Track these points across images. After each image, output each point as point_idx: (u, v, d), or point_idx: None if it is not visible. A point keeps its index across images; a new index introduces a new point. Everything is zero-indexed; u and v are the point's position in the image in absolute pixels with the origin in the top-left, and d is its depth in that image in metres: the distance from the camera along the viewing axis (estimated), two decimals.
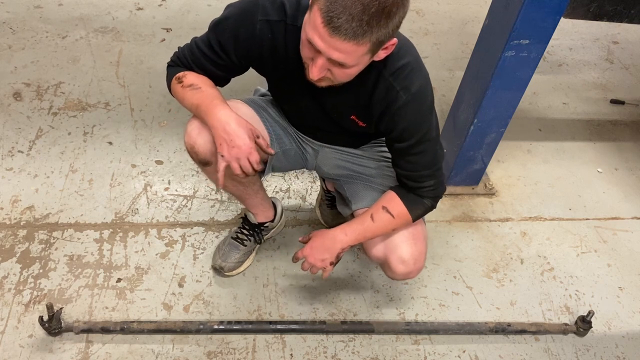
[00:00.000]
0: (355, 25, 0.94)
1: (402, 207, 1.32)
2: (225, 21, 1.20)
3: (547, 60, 2.98)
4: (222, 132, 1.19)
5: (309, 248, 1.38)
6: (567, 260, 1.94)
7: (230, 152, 1.19)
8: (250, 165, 1.22)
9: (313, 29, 0.98)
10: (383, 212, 1.32)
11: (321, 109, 1.31)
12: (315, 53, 1.03)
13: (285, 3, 1.15)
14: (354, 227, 1.34)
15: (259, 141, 1.23)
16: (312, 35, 0.99)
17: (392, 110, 1.20)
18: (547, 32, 1.58)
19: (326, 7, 0.94)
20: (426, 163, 1.28)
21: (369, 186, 1.48)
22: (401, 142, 1.25)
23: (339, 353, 1.58)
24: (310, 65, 1.06)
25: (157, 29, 2.75)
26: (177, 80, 1.28)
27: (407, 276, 1.41)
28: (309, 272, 1.42)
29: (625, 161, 2.41)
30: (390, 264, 1.39)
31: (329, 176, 1.58)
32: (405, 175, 1.32)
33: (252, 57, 1.24)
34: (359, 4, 0.92)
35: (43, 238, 1.76)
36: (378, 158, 1.50)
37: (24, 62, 2.43)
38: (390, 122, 1.22)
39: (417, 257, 1.38)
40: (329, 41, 0.97)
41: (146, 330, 1.52)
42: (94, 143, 2.11)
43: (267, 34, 1.17)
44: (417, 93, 1.18)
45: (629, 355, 1.69)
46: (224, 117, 1.20)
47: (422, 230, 1.42)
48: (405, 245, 1.37)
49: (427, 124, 1.24)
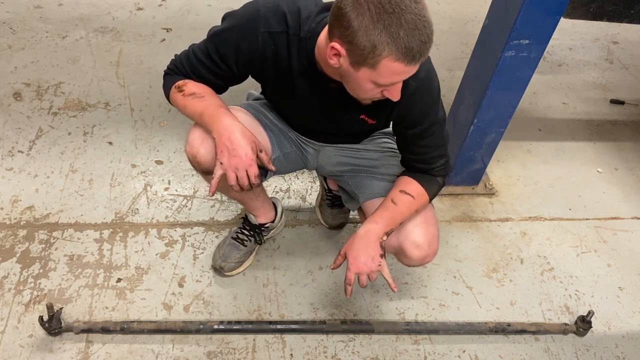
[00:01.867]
0: (429, 47, 0.98)
1: (420, 187, 1.33)
2: (226, 32, 1.19)
3: (547, 60, 2.98)
4: (226, 140, 1.18)
5: (353, 261, 1.28)
6: (567, 260, 1.94)
7: (230, 161, 1.18)
8: (248, 178, 1.20)
9: (395, 75, 1.02)
10: (402, 194, 1.31)
11: (328, 115, 1.31)
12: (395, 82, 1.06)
13: (286, 13, 1.14)
14: (380, 213, 1.31)
15: (261, 155, 1.23)
16: (395, 79, 1.04)
17: (403, 98, 1.19)
18: (547, 32, 1.58)
19: (404, 48, 0.95)
20: (437, 144, 1.30)
21: (373, 177, 1.48)
22: (414, 127, 1.26)
23: (339, 353, 1.58)
24: (391, 89, 1.08)
25: (157, 29, 2.75)
26: (177, 89, 1.27)
27: (423, 260, 1.39)
28: (368, 282, 1.31)
29: (625, 161, 2.41)
30: (405, 250, 1.37)
31: (331, 174, 1.58)
32: (417, 160, 1.33)
33: (254, 68, 1.24)
34: (421, 25, 0.95)
35: (43, 238, 1.76)
36: (379, 149, 1.51)
37: (24, 62, 2.43)
38: (402, 111, 1.23)
39: (430, 240, 1.37)
40: (412, 69, 1.02)
41: (146, 330, 1.52)
42: (94, 143, 2.11)
43: (270, 45, 1.17)
44: (425, 78, 1.19)
45: (629, 355, 1.69)
46: (230, 126, 1.19)
47: (432, 214, 1.41)
48: (418, 229, 1.36)
49: (436, 106, 1.26)
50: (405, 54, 0.96)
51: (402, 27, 0.93)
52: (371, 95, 1.10)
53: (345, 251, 1.32)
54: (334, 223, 1.90)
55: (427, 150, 1.31)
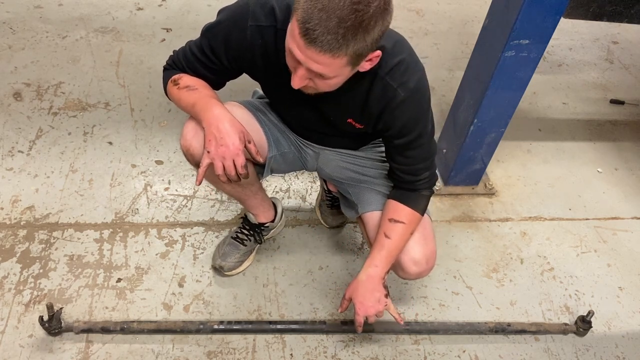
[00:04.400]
0: (331, 38, 0.93)
1: (407, 209, 1.34)
2: (217, 26, 1.20)
3: (547, 60, 2.98)
4: (214, 129, 1.19)
5: (360, 306, 1.36)
6: (567, 260, 1.94)
7: (217, 150, 1.19)
8: (235, 168, 1.20)
9: (292, 39, 0.99)
10: (393, 224, 1.33)
11: (317, 114, 1.31)
12: (297, 63, 1.02)
13: (275, 7, 1.14)
14: (378, 255, 1.35)
15: (249, 146, 1.23)
16: (291, 45, 0.99)
17: (390, 108, 1.19)
18: (547, 32, 1.58)
19: (303, 18, 0.93)
20: (423, 156, 1.30)
21: (372, 189, 1.48)
22: (400, 138, 1.25)
23: (339, 353, 1.58)
24: (293, 74, 1.06)
25: (157, 29, 2.75)
26: (173, 83, 1.29)
27: (419, 275, 1.43)
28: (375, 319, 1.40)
29: (625, 161, 2.41)
30: (403, 266, 1.40)
31: (331, 178, 1.58)
32: (402, 170, 1.33)
33: (244, 62, 1.24)
34: (335, 17, 0.91)
35: (43, 238, 1.76)
36: (379, 158, 1.51)
37: (24, 62, 2.43)
38: (389, 120, 1.22)
39: (428, 256, 1.40)
40: (306, 52, 0.97)
41: (146, 330, 1.52)
42: (94, 143, 2.11)
43: (258, 39, 1.17)
44: (415, 89, 1.18)
45: (629, 355, 1.69)
46: (219, 115, 1.20)
47: (430, 230, 1.43)
48: (417, 246, 1.38)
49: (425, 118, 1.25)
50: (303, 23, 0.93)
51: (318, 3, 0.92)
52: (288, 63, 1.07)
53: (350, 296, 1.39)
54: (334, 223, 1.90)
55: (412, 161, 1.30)
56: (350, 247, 1.87)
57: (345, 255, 1.84)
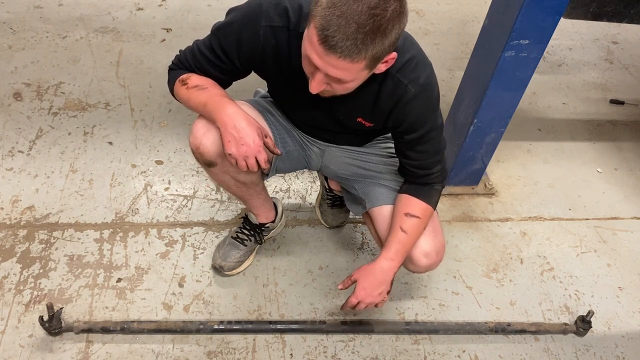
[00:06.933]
0: (350, 44, 0.94)
1: (422, 203, 1.35)
2: (229, 26, 1.20)
3: (547, 60, 2.98)
4: (232, 128, 1.19)
5: (361, 290, 1.36)
6: (567, 260, 1.94)
7: (239, 150, 1.19)
8: (257, 164, 1.22)
9: (310, 46, 0.99)
10: (408, 218, 1.34)
11: (326, 113, 1.32)
12: (314, 68, 1.04)
13: (288, 9, 1.15)
14: (393, 248, 1.35)
15: (266, 140, 1.24)
16: (309, 51, 1.00)
17: (401, 104, 1.20)
18: (547, 32, 1.58)
19: (321, 25, 0.94)
20: (434, 150, 1.32)
21: (380, 184, 1.48)
22: (411, 133, 1.27)
23: (339, 353, 1.58)
24: (310, 79, 1.07)
25: (157, 29, 2.75)
26: (181, 82, 1.28)
27: (429, 268, 1.44)
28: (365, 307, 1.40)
29: (625, 161, 2.41)
30: (413, 259, 1.40)
31: (336, 176, 1.58)
32: (415, 165, 1.34)
33: (256, 62, 1.24)
34: (353, 22, 0.92)
35: (43, 238, 1.76)
36: (385, 154, 1.51)
37: (24, 62, 2.43)
38: (400, 116, 1.24)
39: (438, 249, 1.41)
40: (325, 58, 0.98)
41: (146, 330, 1.52)
42: (94, 143, 2.11)
43: (271, 39, 1.17)
44: (425, 85, 1.19)
45: (629, 355, 1.69)
46: (234, 114, 1.20)
47: (438, 222, 1.45)
48: (427, 239, 1.39)
49: (435, 113, 1.26)
50: (322, 30, 0.94)
51: (336, 10, 0.93)
52: (305, 69, 1.09)
53: (356, 278, 1.38)
54: (334, 223, 1.90)
55: (424, 156, 1.32)
56: (350, 247, 1.87)
57: (345, 255, 1.84)
